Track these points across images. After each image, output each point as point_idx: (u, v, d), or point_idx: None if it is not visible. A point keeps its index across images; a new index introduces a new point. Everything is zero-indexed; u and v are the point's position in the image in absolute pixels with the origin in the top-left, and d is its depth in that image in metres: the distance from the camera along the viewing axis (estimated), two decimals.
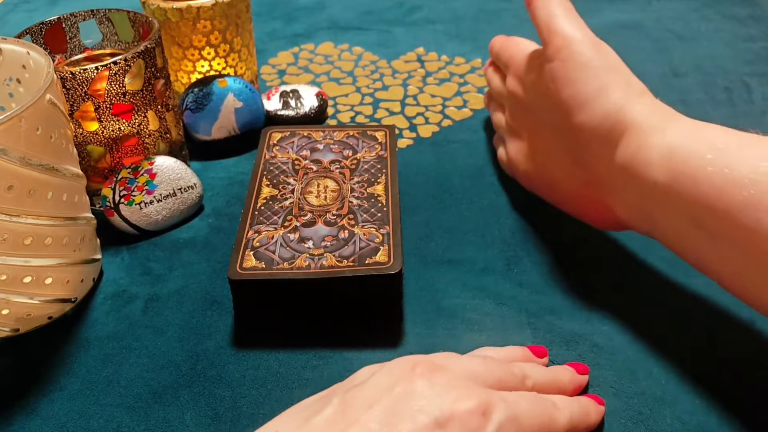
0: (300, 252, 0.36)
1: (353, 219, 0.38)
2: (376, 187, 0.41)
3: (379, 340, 0.37)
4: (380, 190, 0.40)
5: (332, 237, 0.37)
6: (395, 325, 0.37)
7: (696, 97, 0.60)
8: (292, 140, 0.45)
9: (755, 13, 0.76)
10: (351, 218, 0.38)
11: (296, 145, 0.45)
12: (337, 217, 0.38)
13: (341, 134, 0.46)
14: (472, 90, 0.62)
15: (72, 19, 0.47)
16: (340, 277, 0.35)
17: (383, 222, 0.38)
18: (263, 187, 0.41)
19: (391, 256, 0.35)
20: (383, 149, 0.44)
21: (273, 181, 0.42)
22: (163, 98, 0.46)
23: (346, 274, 0.34)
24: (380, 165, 0.43)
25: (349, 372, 0.29)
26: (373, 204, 0.39)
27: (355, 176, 0.42)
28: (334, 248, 0.36)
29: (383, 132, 0.46)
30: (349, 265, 0.35)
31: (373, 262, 0.35)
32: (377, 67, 0.66)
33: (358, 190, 0.40)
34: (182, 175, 0.45)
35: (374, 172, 0.42)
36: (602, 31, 0.39)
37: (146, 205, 0.44)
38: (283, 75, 0.65)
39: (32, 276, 0.35)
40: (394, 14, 0.78)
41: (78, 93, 0.41)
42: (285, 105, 0.56)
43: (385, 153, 0.44)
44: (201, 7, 0.51)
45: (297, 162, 0.43)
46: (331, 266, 0.35)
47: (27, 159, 0.32)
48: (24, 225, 0.33)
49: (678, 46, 0.69)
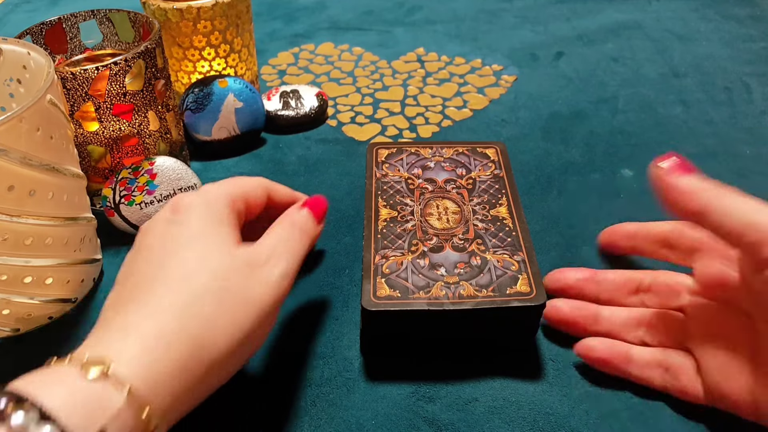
0: (434, 280, 0.34)
1: (482, 244, 0.36)
2: (499, 209, 0.39)
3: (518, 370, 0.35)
4: (504, 213, 0.39)
5: (464, 263, 0.35)
6: (532, 354, 0.36)
7: (696, 97, 0.60)
8: (401, 157, 0.43)
9: (755, 13, 0.76)
10: (480, 243, 0.36)
11: (406, 163, 0.43)
12: (464, 242, 0.36)
13: (450, 151, 0.44)
14: (472, 90, 0.62)
15: (72, 19, 0.47)
16: (486, 308, 0.33)
17: (515, 248, 0.36)
18: (381, 209, 0.39)
19: (532, 286, 0.34)
20: (497, 168, 0.42)
21: (389, 201, 0.40)
22: (164, 98, 0.46)
23: (490, 305, 0.33)
24: (498, 185, 0.41)
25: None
26: (500, 228, 0.38)
27: (474, 197, 0.40)
28: (468, 276, 0.34)
29: (494, 149, 0.44)
30: (489, 295, 0.33)
31: (515, 293, 0.33)
32: (377, 68, 0.66)
33: (480, 213, 0.38)
34: (182, 176, 0.45)
35: (493, 192, 0.40)
36: (602, 32, 0.39)
37: (147, 206, 0.44)
38: (284, 75, 0.65)
39: (33, 276, 0.35)
40: (394, 14, 0.78)
41: (78, 93, 0.41)
42: (285, 105, 0.56)
43: (500, 172, 0.42)
44: (201, 7, 0.51)
45: (410, 181, 0.41)
46: (470, 296, 0.33)
47: (27, 159, 0.32)
48: (24, 225, 0.33)
49: (678, 46, 0.69)
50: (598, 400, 0.33)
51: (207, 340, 0.26)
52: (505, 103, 0.60)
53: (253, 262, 0.29)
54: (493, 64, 0.66)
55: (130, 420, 0.23)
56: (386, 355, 0.36)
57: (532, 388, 0.34)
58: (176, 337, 0.25)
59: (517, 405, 0.33)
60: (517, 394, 0.34)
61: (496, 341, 0.36)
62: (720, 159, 0.52)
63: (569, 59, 0.67)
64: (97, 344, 0.25)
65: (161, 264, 0.28)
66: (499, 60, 0.67)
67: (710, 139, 0.54)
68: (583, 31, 0.72)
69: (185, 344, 0.26)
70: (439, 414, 0.33)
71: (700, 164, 0.30)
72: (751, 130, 0.55)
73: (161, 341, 0.25)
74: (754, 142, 0.53)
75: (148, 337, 0.25)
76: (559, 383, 0.34)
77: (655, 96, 0.60)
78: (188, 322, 0.26)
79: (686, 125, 0.56)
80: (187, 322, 0.26)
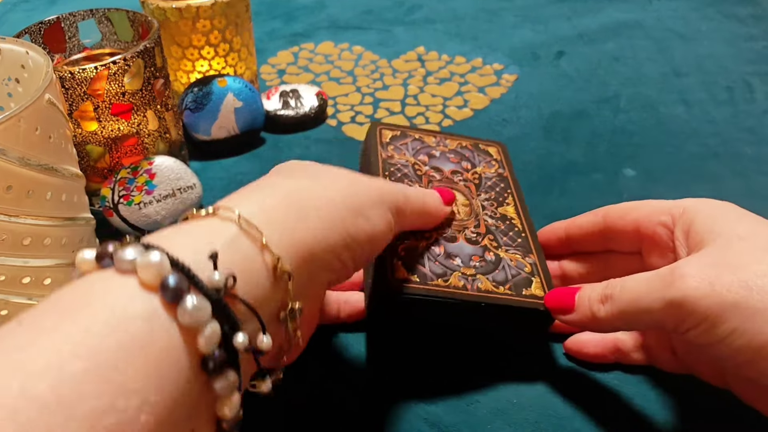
0: (451, 269, 0.33)
1: (494, 240, 0.36)
2: (506, 208, 0.38)
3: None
4: (512, 213, 0.38)
5: (479, 257, 0.34)
6: (535, 355, 0.36)
7: (697, 96, 0.60)
8: (405, 141, 0.42)
9: (756, 12, 0.76)
10: (492, 239, 0.36)
11: (411, 147, 0.41)
12: (477, 236, 0.36)
13: (454, 143, 0.43)
14: (473, 90, 0.61)
15: (71, 18, 0.47)
16: (506, 305, 0.32)
17: (526, 250, 0.36)
18: None
19: (545, 290, 0.34)
20: (501, 167, 0.42)
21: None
22: (163, 98, 0.45)
23: (511, 303, 0.32)
24: (503, 184, 0.40)
25: None
26: (509, 227, 0.37)
27: (482, 192, 0.39)
28: (484, 271, 0.34)
29: (495, 148, 0.44)
30: (507, 292, 0.33)
31: (530, 295, 0.33)
32: (377, 67, 0.66)
33: (489, 209, 0.38)
34: (181, 175, 0.45)
35: (499, 191, 0.40)
36: (603, 31, 0.39)
37: (145, 206, 0.43)
38: (283, 74, 0.65)
39: (31, 276, 0.35)
40: (394, 13, 0.78)
41: (77, 93, 0.41)
42: (285, 105, 0.55)
43: (504, 171, 0.42)
44: (200, 6, 0.51)
45: (417, 167, 0.40)
46: (489, 291, 0.33)
47: (26, 159, 0.32)
48: (23, 225, 0.33)
49: (679, 46, 0.69)
50: (602, 402, 0.33)
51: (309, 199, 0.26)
52: (506, 103, 0.60)
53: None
54: (494, 63, 0.66)
55: (247, 245, 0.23)
56: (390, 342, 0.36)
57: (536, 389, 0.34)
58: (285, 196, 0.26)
59: (520, 406, 0.33)
60: (520, 396, 0.33)
61: (503, 341, 0.35)
62: (722, 159, 0.51)
63: (570, 58, 0.67)
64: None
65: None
66: (500, 59, 0.67)
67: (712, 138, 0.54)
68: (584, 30, 0.72)
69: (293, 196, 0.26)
70: (441, 415, 0.32)
71: (702, 164, 0.30)
72: (752, 129, 0.55)
73: (270, 199, 0.25)
74: (756, 142, 0.53)
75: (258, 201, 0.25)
76: (563, 385, 0.34)
77: (657, 95, 0.60)
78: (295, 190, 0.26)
79: (688, 125, 0.56)
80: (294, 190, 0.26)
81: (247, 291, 0.22)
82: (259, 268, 0.23)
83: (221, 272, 0.20)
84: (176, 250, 0.20)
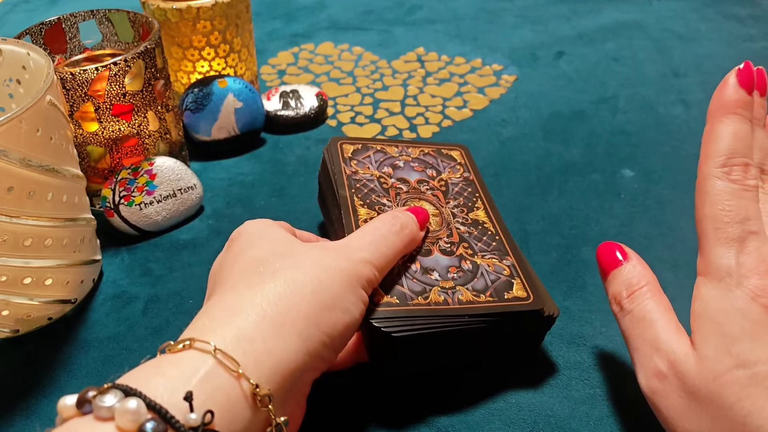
0: (429, 285, 0.32)
1: (469, 248, 0.35)
2: (477, 212, 0.38)
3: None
4: (483, 216, 0.38)
5: (456, 268, 0.34)
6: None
7: (696, 97, 0.60)
8: (368, 154, 0.41)
9: (755, 12, 0.76)
10: (466, 247, 0.35)
11: (374, 160, 0.41)
12: (451, 245, 0.35)
13: (416, 151, 0.42)
14: (473, 90, 0.62)
15: (72, 19, 0.47)
16: (497, 312, 0.32)
17: (502, 252, 0.36)
18: (358, 208, 0.36)
19: (528, 290, 0.33)
20: (466, 170, 0.42)
21: (366, 200, 0.37)
22: (163, 99, 0.46)
23: (495, 310, 0.32)
24: (471, 189, 0.40)
25: None
26: (482, 232, 0.37)
27: (450, 200, 0.39)
28: (463, 281, 0.33)
29: (458, 151, 0.43)
30: (489, 300, 0.32)
31: (513, 297, 0.33)
32: (377, 67, 0.66)
33: (460, 216, 0.37)
34: (182, 176, 0.45)
35: (467, 195, 0.39)
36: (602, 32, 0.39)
37: (146, 206, 0.44)
38: (283, 75, 0.65)
39: (32, 277, 0.35)
40: (394, 14, 0.78)
41: (78, 94, 0.41)
42: (285, 105, 0.56)
43: (469, 175, 0.41)
44: (201, 7, 0.51)
45: (383, 180, 0.39)
46: (470, 301, 0.32)
47: (27, 160, 0.32)
48: (24, 226, 0.33)
49: (678, 46, 0.69)
50: (599, 403, 0.33)
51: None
52: (505, 103, 0.60)
53: (339, 246, 0.30)
54: (494, 63, 0.66)
55: (224, 378, 0.23)
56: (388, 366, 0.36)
57: (532, 390, 0.34)
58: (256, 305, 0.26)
59: (517, 407, 0.33)
60: (517, 396, 0.34)
61: (498, 353, 0.35)
62: None
63: (570, 59, 0.67)
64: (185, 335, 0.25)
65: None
66: (500, 60, 0.67)
67: None
68: (583, 31, 0.72)
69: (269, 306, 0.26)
70: (439, 416, 0.33)
71: None
72: None
73: (239, 316, 0.25)
74: None
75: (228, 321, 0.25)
76: (560, 385, 0.34)
77: (656, 96, 0.60)
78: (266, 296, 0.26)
79: (687, 125, 0.56)
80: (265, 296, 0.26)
81: (227, 421, 0.22)
82: (236, 398, 0.23)
83: (198, 410, 0.21)
84: (153, 391, 0.21)
